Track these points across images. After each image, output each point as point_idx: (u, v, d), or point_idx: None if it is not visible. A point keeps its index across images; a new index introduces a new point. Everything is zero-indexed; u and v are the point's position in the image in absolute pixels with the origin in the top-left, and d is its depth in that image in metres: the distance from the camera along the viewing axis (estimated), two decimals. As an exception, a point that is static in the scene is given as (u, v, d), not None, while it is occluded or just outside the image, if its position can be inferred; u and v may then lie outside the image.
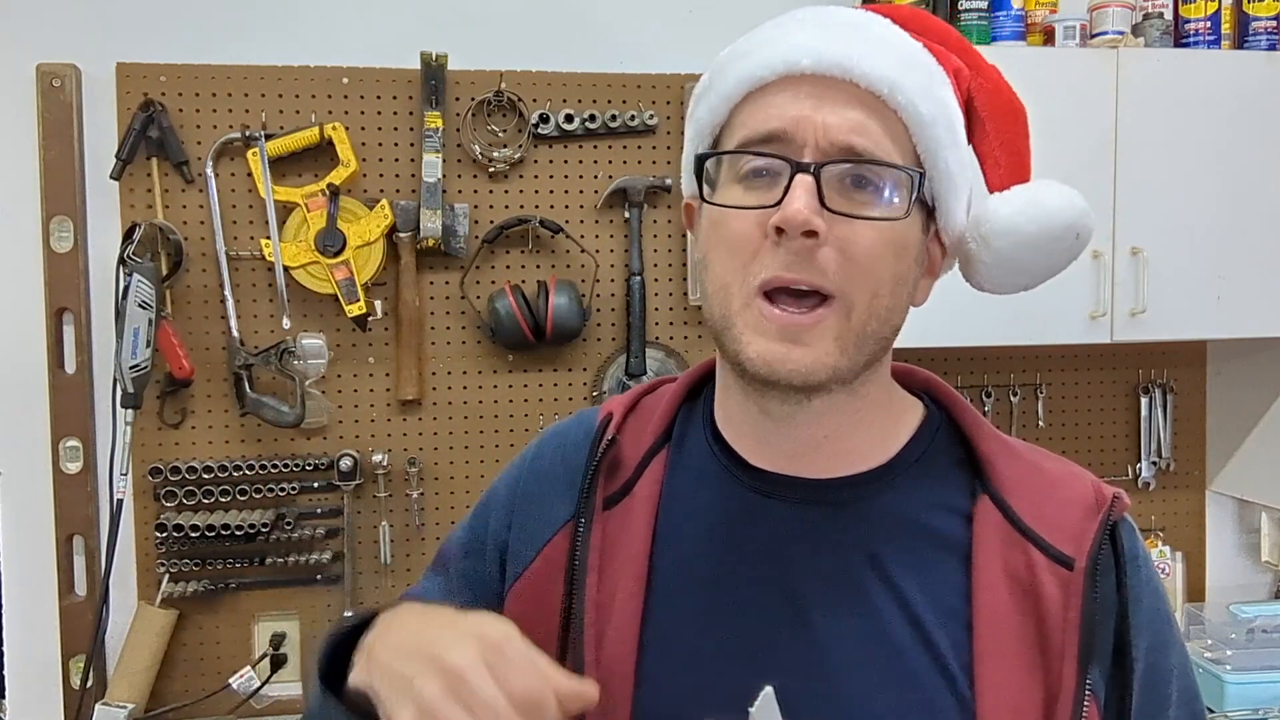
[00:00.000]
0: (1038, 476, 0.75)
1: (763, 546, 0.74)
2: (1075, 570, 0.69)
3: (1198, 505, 2.27)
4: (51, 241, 1.85)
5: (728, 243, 0.69)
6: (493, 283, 1.99)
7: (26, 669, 1.89)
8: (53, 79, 1.84)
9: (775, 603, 0.72)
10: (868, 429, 0.76)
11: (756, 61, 0.70)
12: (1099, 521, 0.71)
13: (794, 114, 0.68)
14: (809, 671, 0.70)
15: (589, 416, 0.84)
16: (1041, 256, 0.76)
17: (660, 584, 0.74)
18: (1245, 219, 1.86)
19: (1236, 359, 2.20)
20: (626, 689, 0.71)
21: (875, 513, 0.74)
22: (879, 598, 0.71)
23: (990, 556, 0.71)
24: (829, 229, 0.66)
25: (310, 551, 1.92)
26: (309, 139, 1.88)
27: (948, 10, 1.86)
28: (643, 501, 0.77)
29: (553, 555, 0.77)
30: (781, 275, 0.66)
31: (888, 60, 0.69)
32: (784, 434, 0.74)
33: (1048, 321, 1.82)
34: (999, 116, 0.76)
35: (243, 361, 1.87)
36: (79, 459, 1.87)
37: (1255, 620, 2.00)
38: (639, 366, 2.01)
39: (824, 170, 0.66)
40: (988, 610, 0.69)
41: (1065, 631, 0.68)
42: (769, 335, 0.67)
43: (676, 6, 2.04)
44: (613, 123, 2.00)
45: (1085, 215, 0.76)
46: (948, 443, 0.78)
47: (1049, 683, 0.67)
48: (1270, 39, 1.93)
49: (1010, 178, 0.76)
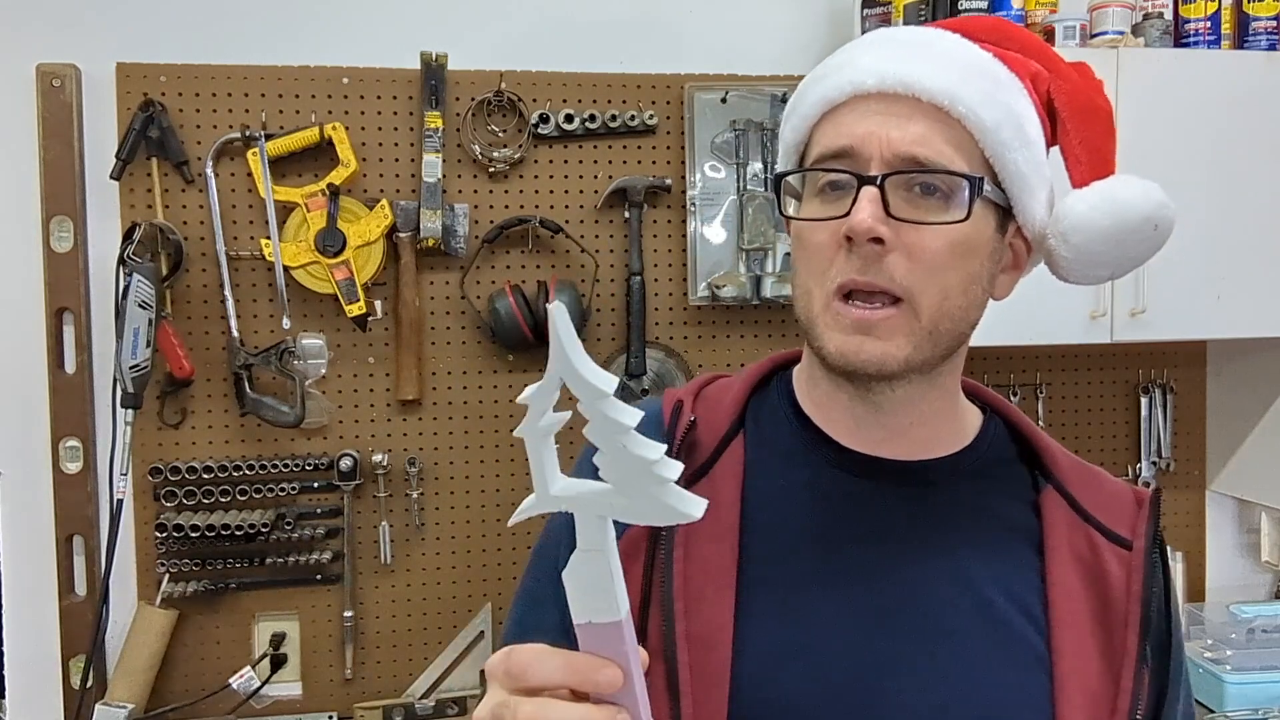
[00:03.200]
0: (1086, 471, 0.83)
1: (857, 523, 0.78)
2: (1135, 550, 0.77)
3: (1198, 505, 2.27)
4: (51, 241, 1.85)
5: (808, 251, 0.76)
6: (493, 283, 1.99)
7: (26, 669, 1.89)
8: (53, 79, 1.84)
9: (876, 570, 0.77)
10: (946, 419, 0.82)
11: (830, 84, 0.76)
12: (1148, 508, 0.79)
13: (861, 131, 0.73)
14: (920, 633, 0.75)
15: (649, 405, 0.85)
16: (1120, 249, 0.80)
17: (756, 555, 0.77)
18: (1245, 219, 1.86)
19: (1236, 359, 2.20)
20: (724, 656, 0.73)
21: (957, 495, 0.80)
22: (970, 571, 0.77)
23: (1059, 540, 0.78)
24: (896, 235, 0.71)
25: (310, 551, 1.92)
26: (309, 139, 1.88)
27: (948, 10, 1.86)
28: (726, 479, 0.80)
29: (634, 534, 0.78)
30: (854, 279, 0.72)
31: (949, 73, 0.73)
32: (873, 419, 0.79)
33: (1048, 321, 1.82)
34: (1079, 115, 0.80)
35: (243, 361, 1.87)
36: (79, 459, 1.87)
37: (1255, 620, 2.00)
38: (639, 366, 2.01)
39: (888, 181, 0.71)
40: (1061, 587, 0.76)
41: (1129, 603, 0.75)
42: (845, 330, 0.73)
43: (676, 6, 2.04)
44: (613, 123, 2.00)
45: (1163, 208, 0.80)
46: (1006, 439, 0.85)
47: (1113, 651, 0.74)
48: (1270, 39, 1.93)
49: (1092, 174, 0.80)
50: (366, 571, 1.97)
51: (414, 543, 1.99)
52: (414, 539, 1.99)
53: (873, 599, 0.76)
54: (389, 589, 1.98)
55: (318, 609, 1.96)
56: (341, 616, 1.95)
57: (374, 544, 1.97)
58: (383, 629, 1.98)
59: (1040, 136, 0.78)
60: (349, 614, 1.95)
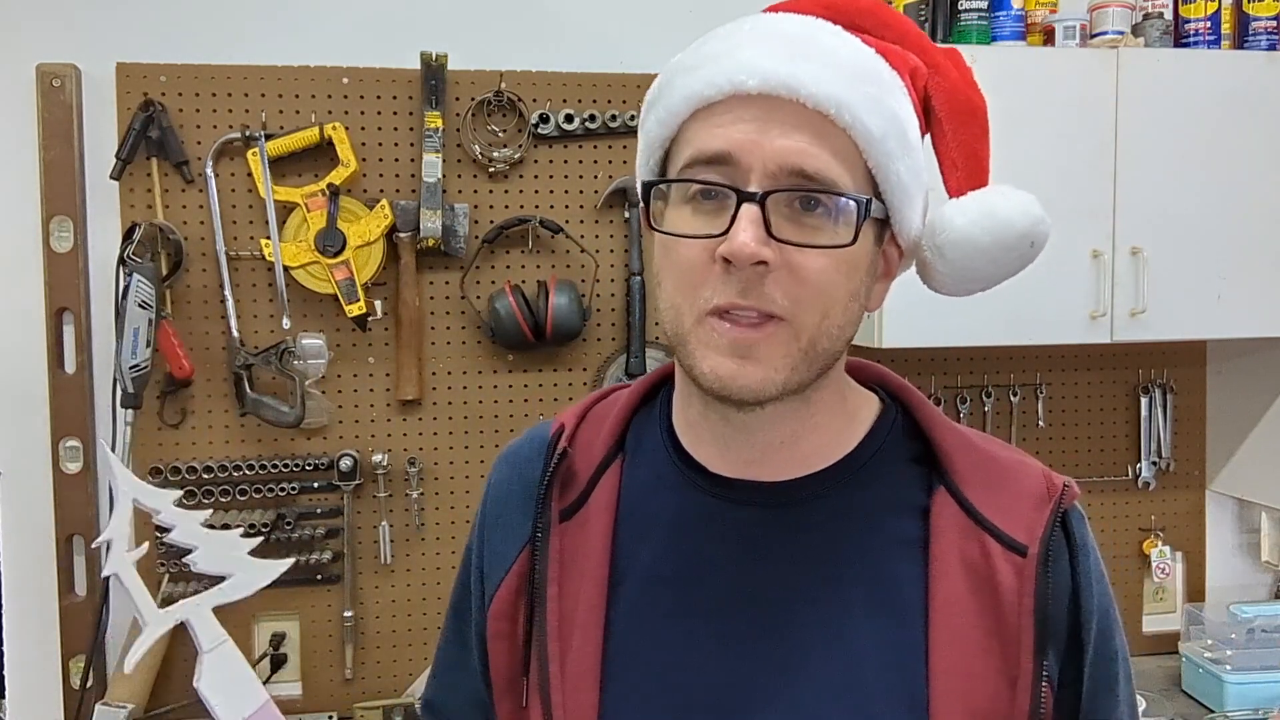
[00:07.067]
0: (992, 466, 0.76)
1: (724, 550, 0.75)
2: (1029, 557, 0.71)
3: (1198, 505, 2.26)
4: (51, 241, 1.85)
5: (678, 267, 0.69)
6: (493, 283, 1.99)
7: (26, 669, 1.89)
8: (53, 79, 1.84)
9: (738, 605, 0.73)
10: (823, 431, 0.77)
11: (703, 79, 0.69)
12: (1050, 510, 0.73)
13: (739, 137, 0.67)
14: (776, 674, 0.71)
15: (540, 431, 0.85)
16: (995, 266, 0.76)
17: (623, 592, 0.76)
18: (1245, 219, 1.86)
19: (1236, 359, 2.20)
20: (592, 699, 0.73)
21: (832, 511, 0.75)
22: (838, 595, 0.72)
23: (947, 548, 0.72)
24: (779, 254, 0.66)
25: (310, 551, 1.92)
26: (309, 139, 1.88)
27: (948, 10, 1.86)
28: (599, 511, 0.77)
29: (520, 572, 0.78)
30: (734, 301, 0.67)
31: (835, 77, 0.68)
32: (742, 440, 0.75)
33: (1048, 321, 1.82)
34: (956, 117, 0.76)
35: (243, 361, 1.87)
36: (79, 459, 1.87)
37: (1255, 620, 2.00)
38: (639, 366, 2.01)
39: (770, 199, 0.66)
40: (943, 600, 0.71)
41: (1021, 617, 0.70)
42: (720, 350, 0.68)
43: (676, 6, 2.04)
44: (613, 123, 2.00)
45: (1039, 224, 0.75)
46: (903, 437, 0.79)
47: (1007, 667, 0.70)
48: (1270, 39, 1.93)
49: (968, 182, 0.76)
50: (366, 571, 1.97)
51: (414, 543, 1.99)
52: (414, 539, 1.99)
53: (735, 629, 0.73)
54: (389, 589, 1.98)
55: (318, 609, 1.96)
56: (341, 616, 1.95)
57: (374, 544, 1.97)
58: (383, 629, 1.98)
59: (919, 140, 0.73)
60: (349, 614, 1.95)
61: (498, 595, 0.79)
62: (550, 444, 0.80)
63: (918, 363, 2.08)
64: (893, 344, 1.78)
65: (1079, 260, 1.81)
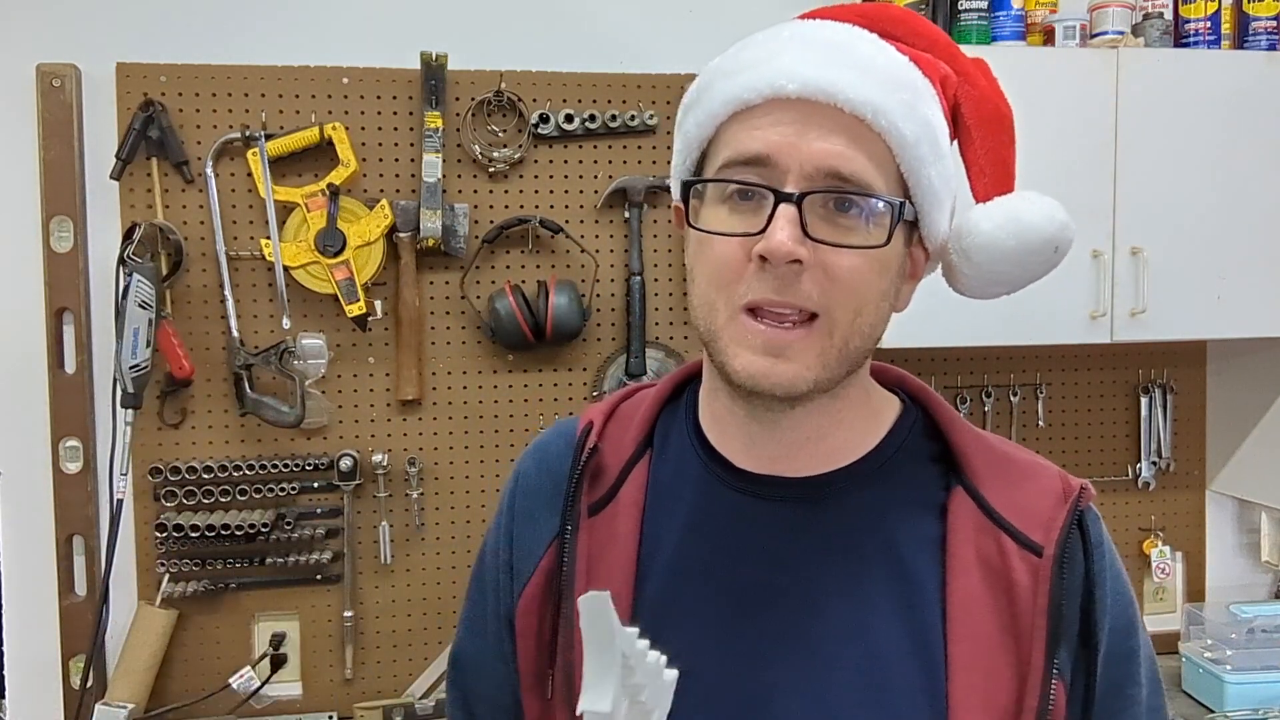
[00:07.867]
0: (1009, 467, 0.78)
1: (750, 545, 0.76)
2: (1044, 557, 0.72)
3: (1198, 505, 2.27)
4: (51, 241, 1.85)
5: (713, 264, 0.71)
6: (493, 283, 1.99)
7: (26, 669, 1.89)
8: (53, 79, 1.84)
9: (764, 598, 0.75)
10: (848, 428, 0.78)
11: (743, 84, 0.71)
12: (1067, 510, 0.74)
13: (778, 139, 0.69)
14: (800, 666, 0.72)
15: (569, 426, 0.86)
16: (1020, 269, 0.78)
17: (651, 587, 0.76)
18: (1245, 219, 1.86)
19: (1236, 359, 2.20)
20: None
21: (856, 506, 0.77)
22: (860, 589, 0.74)
23: (964, 545, 0.74)
24: (813, 254, 0.68)
25: (310, 551, 1.92)
26: (309, 139, 1.88)
27: (948, 10, 1.86)
28: (628, 506, 0.79)
29: (548, 567, 0.79)
30: (769, 298, 0.69)
31: (872, 83, 0.70)
32: (769, 437, 0.77)
33: (1048, 321, 1.82)
34: (985, 125, 0.78)
35: (243, 361, 1.87)
36: (79, 459, 1.87)
37: (1255, 620, 2.00)
38: (639, 366, 2.01)
39: (806, 199, 0.68)
40: (960, 596, 0.72)
41: (1035, 615, 0.71)
42: (753, 349, 0.70)
43: (676, 6, 2.04)
44: (613, 123, 2.00)
45: (1065, 229, 0.78)
46: (922, 437, 0.80)
47: (1019, 664, 0.71)
48: (1270, 39, 1.93)
49: (995, 188, 0.78)
50: (366, 571, 1.97)
51: (414, 543, 1.99)
52: (414, 539, 1.99)
53: (761, 626, 0.74)
54: (389, 589, 1.98)
55: (318, 609, 1.96)
56: (341, 616, 1.95)
57: (374, 544, 1.97)
58: (383, 629, 1.98)
59: (949, 146, 0.76)
60: (349, 614, 1.95)
61: (526, 590, 0.80)
62: (579, 440, 0.81)
63: (918, 363, 2.08)
64: (893, 344, 1.77)
65: (1079, 260, 1.81)
